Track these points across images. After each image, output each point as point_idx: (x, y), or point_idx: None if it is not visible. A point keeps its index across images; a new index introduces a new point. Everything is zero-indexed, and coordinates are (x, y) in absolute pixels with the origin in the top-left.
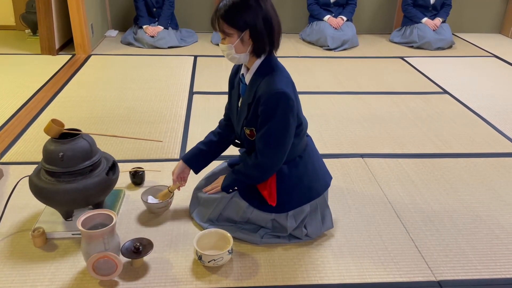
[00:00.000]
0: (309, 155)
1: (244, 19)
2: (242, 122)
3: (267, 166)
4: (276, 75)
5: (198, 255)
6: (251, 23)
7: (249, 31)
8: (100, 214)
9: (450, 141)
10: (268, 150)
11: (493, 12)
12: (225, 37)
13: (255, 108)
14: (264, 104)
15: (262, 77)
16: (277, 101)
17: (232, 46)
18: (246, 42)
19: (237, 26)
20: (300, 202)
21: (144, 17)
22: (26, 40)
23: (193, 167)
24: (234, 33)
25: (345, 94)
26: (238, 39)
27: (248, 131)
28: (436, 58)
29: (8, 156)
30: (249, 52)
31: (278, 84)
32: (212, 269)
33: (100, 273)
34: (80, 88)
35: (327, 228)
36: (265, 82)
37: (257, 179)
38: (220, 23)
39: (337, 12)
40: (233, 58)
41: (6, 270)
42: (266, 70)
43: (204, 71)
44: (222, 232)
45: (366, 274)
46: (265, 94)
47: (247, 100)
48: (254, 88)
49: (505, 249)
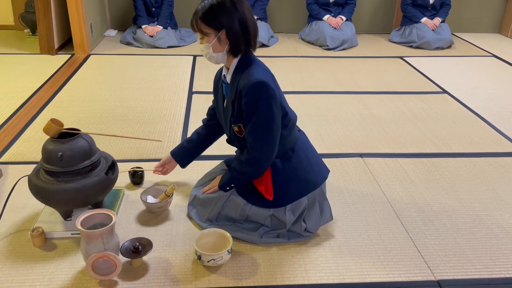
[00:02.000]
0: (301, 148)
1: (220, 19)
2: (229, 120)
3: (259, 159)
4: (253, 68)
5: (197, 254)
6: (226, 23)
7: (225, 31)
8: (99, 213)
9: (449, 141)
10: (257, 142)
11: (492, 12)
12: (203, 36)
13: (238, 102)
14: (245, 96)
15: (241, 72)
16: (258, 90)
17: (209, 45)
18: (223, 42)
19: (214, 26)
20: (297, 195)
21: (143, 17)
22: (25, 39)
23: (179, 161)
24: (211, 33)
25: (344, 94)
26: (215, 38)
27: (236, 128)
28: (435, 58)
29: (7, 156)
30: (226, 52)
31: (256, 74)
32: (211, 269)
33: (100, 273)
34: (79, 88)
35: (326, 220)
36: (243, 76)
37: (252, 174)
38: (198, 23)
39: (336, 12)
40: (211, 57)
41: (5, 269)
42: (244, 66)
43: (203, 71)
44: (221, 232)
45: (365, 273)
46: (245, 86)
47: (230, 98)
48: (235, 84)
49: (504, 248)
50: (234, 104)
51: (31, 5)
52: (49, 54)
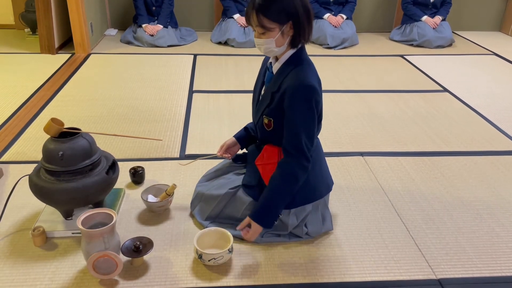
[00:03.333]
0: (317, 155)
1: (286, 10)
2: (263, 110)
3: (298, 162)
4: (305, 68)
5: (198, 254)
6: (293, 14)
7: (292, 22)
8: (100, 213)
9: (450, 139)
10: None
11: (493, 10)
12: (264, 31)
13: (280, 99)
14: (292, 96)
15: (291, 68)
16: (307, 93)
17: (273, 41)
18: (286, 34)
19: (279, 20)
20: (304, 201)
21: (143, 16)
22: (25, 39)
23: (242, 144)
24: (276, 27)
25: (345, 93)
26: (279, 32)
27: (266, 121)
28: (436, 56)
29: (8, 155)
30: (287, 44)
31: (307, 77)
32: (212, 268)
33: (100, 272)
34: (79, 87)
35: (327, 229)
36: (294, 73)
37: (295, 182)
38: (260, 18)
39: (336, 10)
40: (272, 51)
41: (6, 269)
42: (296, 62)
43: (204, 70)
44: (222, 231)
45: (366, 272)
46: (293, 86)
47: (271, 89)
48: (281, 78)
49: (505, 247)
50: (274, 97)
51: (31, 4)
52: (50, 54)
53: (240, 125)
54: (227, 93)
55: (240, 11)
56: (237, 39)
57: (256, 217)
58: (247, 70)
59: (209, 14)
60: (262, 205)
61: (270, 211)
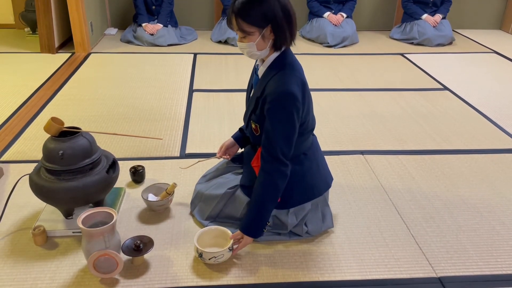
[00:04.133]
0: (313, 154)
1: (265, 14)
2: (249, 115)
3: (275, 169)
4: (286, 73)
5: (198, 252)
6: (271, 17)
7: (271, 26)
8: (101, 212)
9: (450, 138)
10: (271, 150)
11: (493, 8)
12: (245, 35)
13: (262, 105)
14: (270, 102)
15: (274, 72)
16: (284, 101)
17: (253, 44)
18: (267, 37)
19: (258, 24)
20: (302, 200)
21: (143, 15)
22: (25, 38)
23: (240, 144)
24: (255, 31)
25: (345, 91)
26: (259, 36)
27: (254, 126)
28: (436, 55)
29: (8, 155)
30: (269, 47)
31: (287, 84)
32: (212, 267)
33: (101, 271)
34: (79, 86)
35: (327, 227)
36: (275, 79)
37: (275, 189)
38: (239, 22)
39: (337, 9)
40: (254, 55)
41: (7, 268)
42: (279, 66)
43: (204, 69)
44: (222, 229)
45: (366, 270)
46: (272, 94)
47: (256, 93)
48: (264, 82)
49: (506, 245)
50: (258, 102)
51: (31, 4)
52: (50, 53)
53: (240, 123)
54: (227, 92)
55: None
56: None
57: (245, 230)
58: (247, 69)
59: (209, 13)
60: (248, 218)
61: (257, 222)
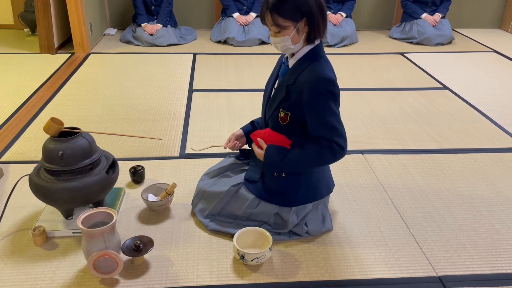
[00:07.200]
0: None
1: (300, 8)
2: (278, 103)
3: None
4: (322, 63)
5: (240, 254)
6: (306, 10)
7: (306, 19)
8: (100, 212)
9: (450, 137)
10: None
11: (493, 7)
12: (279, 30)
13: (297, 94)
14: (311, 88)
15: (308, 63)
16: (327, 85)
17: (288, 38)
18: (301, 31)
19: (293, 18)
20: (305, 199)
21: (142, 15)
22: (25, 39)
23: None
24: (290, 25)
25: (345, 91)
26: (294, 30)
27: (283, 114)
28: (435, 54)
29: (8, 155)
30: (302, 41)
31: (327, 71)
32: (212, 267)
33: (101, 271)
34: (79, 87)
35: (327, 229)
36: (311, 68)
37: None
38: (275, 17)
39: (336, 8)
40: (288, 49)
41: (7, 269)
42: (314, 57)
43: (204, 69)
44: (260, 230)
45: (366, 270)
46: (312, 80)
47: (287, 82)
48: (297, 72)
49: (506, 244)
50: (290, 90)
51: (30, 4)
52: (49, 53)
53: (240, 123)
54: (227, 92)
55: (240, 9)
56: (236, 38)
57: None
58: (247, 69)
59: (209, 13)
60: (281, 154)
61: (281, 161)
